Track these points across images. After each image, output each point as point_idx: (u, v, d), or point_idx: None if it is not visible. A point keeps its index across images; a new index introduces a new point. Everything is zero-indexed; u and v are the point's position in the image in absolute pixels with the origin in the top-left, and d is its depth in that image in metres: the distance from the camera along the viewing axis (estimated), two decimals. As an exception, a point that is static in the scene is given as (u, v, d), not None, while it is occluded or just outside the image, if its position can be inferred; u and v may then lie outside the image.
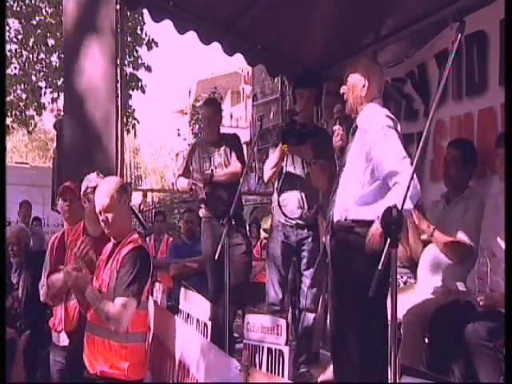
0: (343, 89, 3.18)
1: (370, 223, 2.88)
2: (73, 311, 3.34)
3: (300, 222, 4.19)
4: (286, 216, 4.22)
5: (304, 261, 4.21)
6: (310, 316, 4.19)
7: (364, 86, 3.10)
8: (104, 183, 3.19)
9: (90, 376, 3.07)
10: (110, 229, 3.14)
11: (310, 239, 4.19)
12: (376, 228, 2.79)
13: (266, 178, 4.46)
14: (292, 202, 4.22)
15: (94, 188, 3.37)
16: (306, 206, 4.20)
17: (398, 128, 2.99)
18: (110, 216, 3.08)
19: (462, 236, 3.40)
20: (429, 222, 3.50)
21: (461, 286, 3.22)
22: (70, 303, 3.35)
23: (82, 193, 3.48)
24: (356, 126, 3.12)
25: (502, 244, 2.99)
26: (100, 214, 3.11)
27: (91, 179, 3.48)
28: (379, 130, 2.92)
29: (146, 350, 3.20)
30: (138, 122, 13.47)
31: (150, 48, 12.75)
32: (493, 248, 3.08)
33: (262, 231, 9.66)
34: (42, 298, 3.56)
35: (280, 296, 4.22)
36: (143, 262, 3.04)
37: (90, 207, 3.41)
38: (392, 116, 3.02)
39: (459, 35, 2.20)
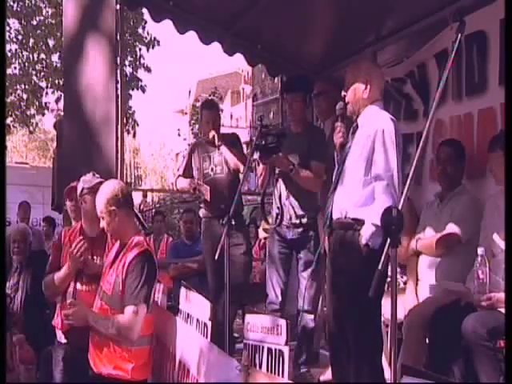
0: (344, 91, 3.20)
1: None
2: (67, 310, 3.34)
3: (296, 221, 4.19)
4: (266, 221, 4.24)
5: (301, 262, 4.20)
6: (309, 317, 4.17)
7: (366, 88, 3.11)
8: (103, 189, 3.17)
9: (94, 375, 3.08)
10: (113, 234, 3.17)
11: (306, 239, 4.17)
12: (367, 229, 2.83)
13: (259, 186, 4.51)
14: (273, 206, 4.26)
15: (90, 189, 3.38)
16: (284, 211, 4.19)
17: (398, 129, 3.00)
18: (111, 222, 3.09)
19: (450, 227, 3.43)
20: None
21: (460, 287, 3.22)
22: (65, 303, 3.36)
23: (78, 194, 3.49)
24: (356, 126, 3.14)
25: (502, 244, 2.99)
26: (102, 219, 3.12)
27: (87, 180, 3.48)
28: (380, 134, 2.95)
29: (149, 352, 3.19)
30: (138, 125, 13.49)
31: (152, 47, 12.76)
32: (492, 248, 3.08)
33: (260, 231, 9.65)
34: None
35: (279, 295, 4.22)
36: (150, 266, 3.04)
37: (86, 208, 3.42)
38: (393, 118, 3.05)
39: (459, 35, 2.21)
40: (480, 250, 2.96)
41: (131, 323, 2.93)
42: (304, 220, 4.17)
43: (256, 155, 4.11)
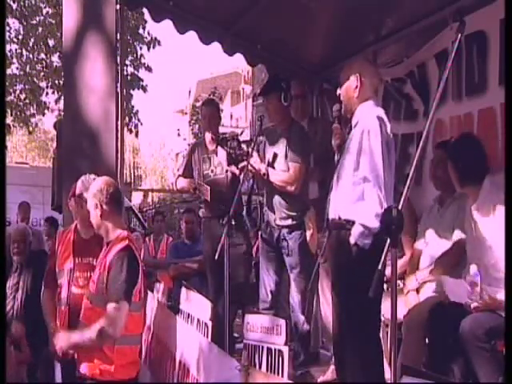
0: (339, 90, 3.21)
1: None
2: (63, 315, 3.35)
3: (274, 224, 4.19)
4: (250, 223, 4.26)
5: (287, 263, 4.20)
6: (301, 317, 4.16)
7: (356, 87, 3.10)
8: (91, 185, 3.24)
9: (80, 375, 3.08)
10: (97, 229, 3.20)
11: (291, 241, 4.14)
12: (356, 229, 2.85)
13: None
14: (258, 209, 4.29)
15: (85, 190, 3.40)
16: (264, 214, 4.23)
17: (388, 130, 2.98)
18: (95, 217, 3.15)
19: (458, 234, 3.41)
20: None
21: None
22: (61, 308, 3.37)
23: (76, 195, 3.52)
24: (351, 126, 3.15)
25: (492, 252, 2.95)
26: (88, 212, 3.19)
27: (83, 182, 3.52)
28: (366, 134, 2.94)
29: (137, 351, 3.16)
30: (142, 124, 13.50)
31: (153, 47, 12.76)
32: (483, 257, 3.05)
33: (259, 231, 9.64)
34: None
35: (268, 294, 4.22)
36: (130, 263, 3.00)
37: (82, 210, 3.43)
38: (383, 116, 3.00)
39: (459, 35, 2.20)
40: (472, 269, 2.91)
41: (113, 320, 2.90)
42: (282, 222, 4.17)
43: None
